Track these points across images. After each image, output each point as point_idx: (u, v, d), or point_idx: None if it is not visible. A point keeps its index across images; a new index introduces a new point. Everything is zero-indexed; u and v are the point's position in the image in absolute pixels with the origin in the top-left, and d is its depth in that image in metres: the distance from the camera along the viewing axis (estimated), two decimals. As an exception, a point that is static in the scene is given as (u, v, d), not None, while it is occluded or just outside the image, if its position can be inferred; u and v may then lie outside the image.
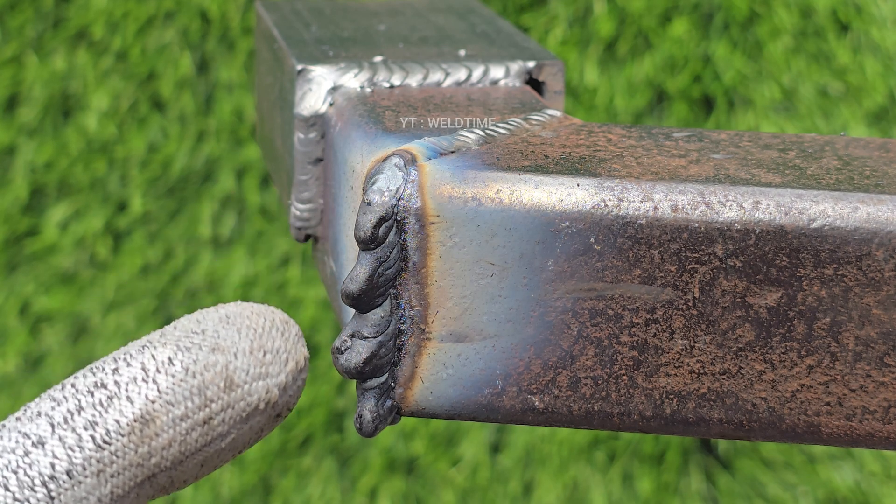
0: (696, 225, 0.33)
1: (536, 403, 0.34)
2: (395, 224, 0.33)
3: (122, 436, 0.30)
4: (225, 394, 0.31)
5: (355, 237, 0.33)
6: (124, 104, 0.80)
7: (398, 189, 0.33)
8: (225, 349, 0.31)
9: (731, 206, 0.33)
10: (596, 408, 0.34)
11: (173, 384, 0.31)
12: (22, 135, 0.81)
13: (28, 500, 0.30)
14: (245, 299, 0.81)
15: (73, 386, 0.31)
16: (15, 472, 0.30)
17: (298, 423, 0.81)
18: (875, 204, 0.32)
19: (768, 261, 0.33)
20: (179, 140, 0.80)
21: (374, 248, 0.33)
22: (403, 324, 0.34)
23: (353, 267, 0.34)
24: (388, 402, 0.35)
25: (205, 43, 0.80)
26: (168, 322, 0.81)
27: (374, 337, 0.34)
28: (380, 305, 0.34)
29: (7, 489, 0.30)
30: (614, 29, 0.78)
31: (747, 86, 0.78)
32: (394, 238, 0.33)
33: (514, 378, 0.34)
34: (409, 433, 0.81)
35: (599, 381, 0.34)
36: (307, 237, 0.42)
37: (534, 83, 0.42)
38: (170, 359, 0.31)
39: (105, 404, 0.30)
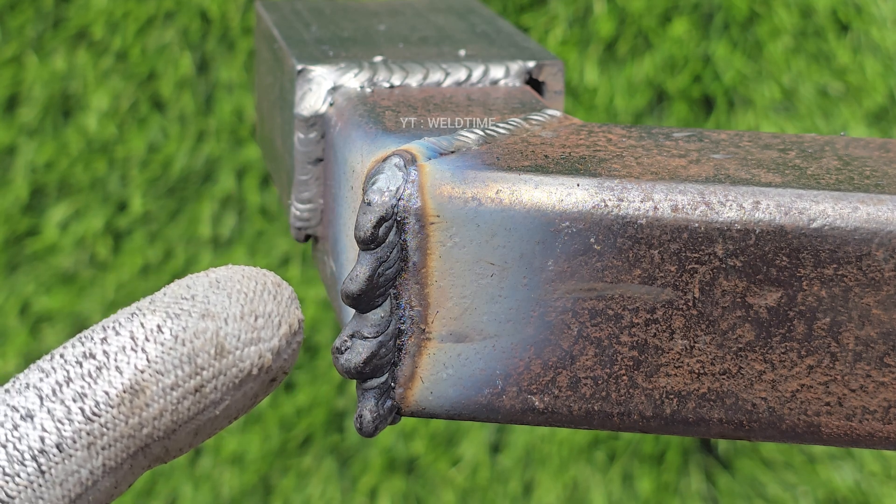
0: (696, 225, 0.33)
1: (536, 403, 0.34)
2: (395, 224, 0.33)
3: (112, 407, 0.30)
4: (216, 361, 0.30)
5: (355, 237, 0.33)
6: (124, 104, 0.80)
7: (398, 189, 0.33)
8: (215, 315, 0.31)
9: (731, 206, 0.33)
10: (596, 408, 0.34)
11: (163, 353, 0.30)
12: (22, 135, 0.81)
13: (18, 475, 0.29)
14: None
15: (61, 356, 0.30)
16: (4, 447, 0.29)
17: (298, 423, 0.81)
18: (875, 204, 0.32)
19: (768, 261, 0.33)
20: (179, 140, 0.80)
21: (374, 248, 0.33)
22: (403, 324, 0.34)
23: (353, 267, 0.34)
24: (388, 402, 0.35)
25: (205, 43, 0.80)
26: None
27: (374, 337, 0.34)
28: (380, 305, 0.34)
29: None
30: (614, 29, 0.78)
31: (747, 86, 0.78)
32: (394, 238, 0.33)
33: (514, 378, 0.34)
34: (409, 433, 0.81)
35: (599, 381, 0.34)
36: (307, 237, 0.42)
37: (534, 83, 0.42)
38: (159, 326, 0.30)
39: (94, 375, 0.30)
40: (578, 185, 0.33)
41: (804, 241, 0.33)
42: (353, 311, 0.34)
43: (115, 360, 0.30)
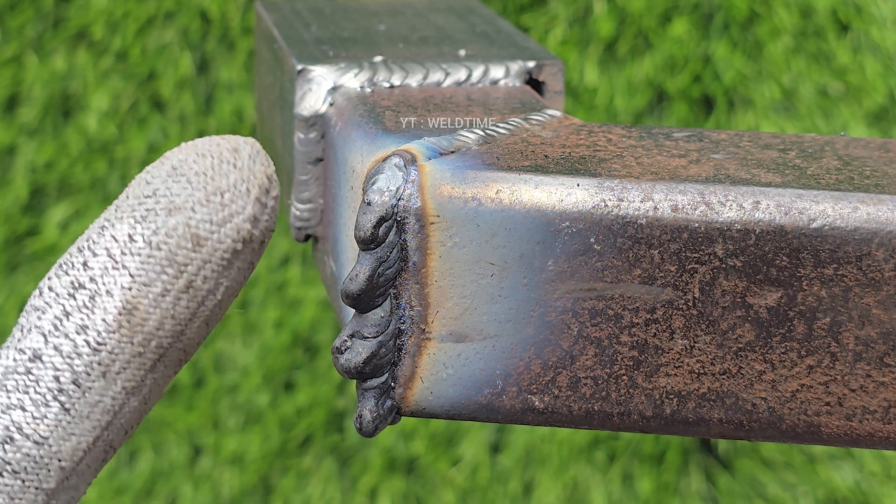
0: (696, 225, 0.33)
1: (536, 403, 0.34)
2: (395, 224, 0.33)
3: (113, 332, 0.30)
4: (196, 253, 0.30)
5: (355, 237, 0.33)
6: (124, 104, 0.80)
7: (398, 189, 0.33)
8: (181, 207, 0.30)
9: (731, 206, 0.33)
10: (596, 408, 0.34)
11: (142, 263, 0.30)
12: (22, 135, 0.81)
13: (46, 417, 0.30)
14: (245, 299, 0.81)
15: (51, 290, 0.30)
16: (26, 392, 0.30)
17: (298, 423, 0.81)
18: (875, 204, 0.32)
19: (768, 261, 0.33)
20: (179, 140, 0.80)
21: (374, 248, 0.33)
22: (403, 324, 0.34)
23: (353, 267, 0.34)
24: (388, 402, 0.35)
25: (205, 43, 0.80)
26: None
27: (374, 337, 0.34)
28: (380, 305, 0.34)
29: (24, 409, 0.30)
30: (614, 29, 0.78)
31: (747, 86, 0.78)
32: (394, 238, 0.33)
33: (514, 378, 0.34)
34: (409, 433, 0.81)
35: (599, 381, 0.34)
36: (307, 237, 0.42)
37: (534, 83, 0.42)
38: (130, 235, 0.30)
39: (90, 305, 0.30)
40: (578, 185, 0.33)
41: (804, 241, 0.33)
42: (353, 311, 0.34)
43: (103, 283, 0.30)
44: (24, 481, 0.29)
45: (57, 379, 0.30)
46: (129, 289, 0.30)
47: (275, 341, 0.81)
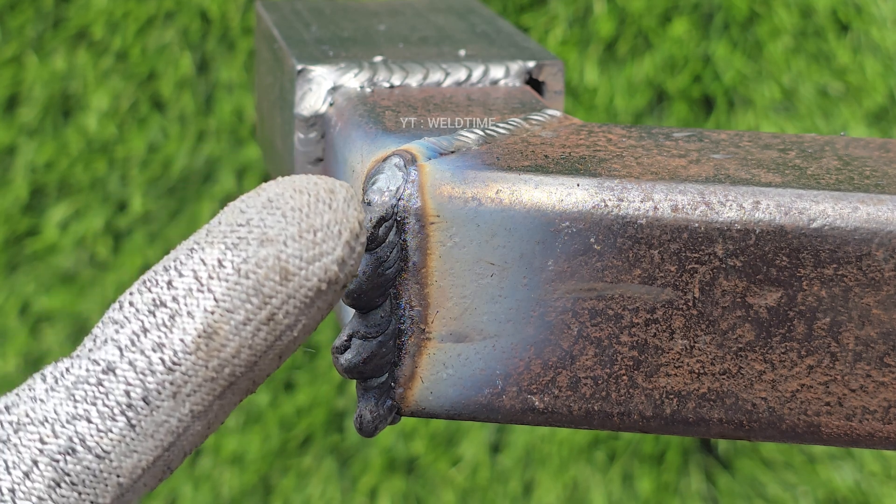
0: (696, 225, 0.33)
1: (536, 403, 0.34)
2: (395, 224, 0.33)
3: (190, 354, 0.30)
4: (282, 286, 0.30)
5: (355, 237, 0.33)
6: (124, 104, 0.80)
7: (398, 189, 0.33)
8: (273, 239, 0.30)
9: (731, 206, 0.33)
10: (596, 408, 0.34)
11: (228, 289, 0.30)
12: (22, 135, 0.81)
13: (111, 430, 0.29)
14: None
15: (131, 304, 0.30)
16: (94, 404, 0.29)
17: (298, 423, 0.81)
18: (875, 204, 0.32)
19: (768, 261, 0.33)
20: (179, 140, 0.80)
21: (374, 248, 0.33)
22: (403, 324, 0.34)
23: (353, 267, 0.34)
24: (388, 402, 0.35)
25: (205, 43, 0.80)
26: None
27: (374, 337, 0.34)
28: (380, 305, 0.34)
29: (90, 421, 0.29)
30: (614, 29, 0.78)
31: (747, 86, 0.78)
32: (394, 238, 0.33)
33: (514, 378, 0.34)
34: (409, 433, 0.81)
35: (599, 381, 0.34)
36: (307, 237, 0.42)
37: (534, 83, 0.42)
38: (220, 261, 0.30)
39: (168, 324, 0.30)
40: (578, 185, 0.33)
41: (804, 241, 0.33)
42: (353, 311, 0.34)
43: (185, 304, 0.30)
44: (80, 493, 0.29)
45: (127, 394, 0.29)
46: (212, 312, 0.30)
47: (275, 341, 0.81)
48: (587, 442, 0.80)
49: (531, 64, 0.42)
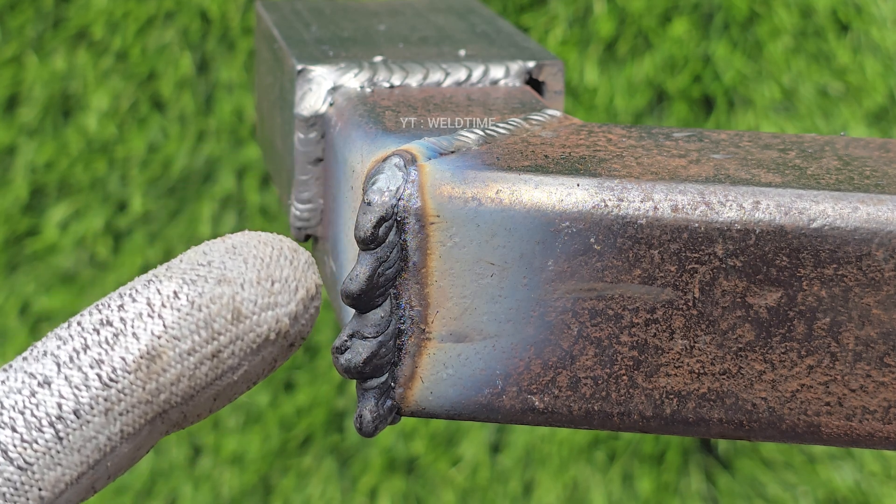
0: (696, 225, 0.33)
1: (536, 403, 0.34)
2: (395, 224, 0.33)
3: (129, 373, 0.30)
4: (233, 326, 0.30)
5: (355, 237, 0.33)
6: (124, 104, 0.80)
7: (398, 189, 0.33)
8: (231, 280, 0.31)
9: (731, 206, 0.33)
10: (596, 408, 0.34)
11: (179, 318, 0.30)
12: (22, 135, 0.81)
13: (36, 441, 0.29)
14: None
15: (78, 324, 0.30)
16: (22, 413, 0.29)
17: (298, 423, 0.81)
18: (875, 204, 0.32)
19: (768, 261, 0.33)
20: (179, 140, 0.80)
21: (374, 248, 0.33)
22: (403, 324, 0.34)
23: (353, 267, 0.34)
24: (388, 402, 0.35)
25: (205, 43, 0.80)
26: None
27: (374, 337, 0.34)
28: (380, 305, 0.34)
29: (14, 430, 0.29)
30: (614, 29, 0.78)
31: (747, 86, 0.78)
32: (394, 238, 0.33)
33: (514, 378, 0.34)
34: (409, 433, 0.81)
35: (599, 381, 0.34)
36: (307, 237, 0.42)
37: (534, 83, 0.42)
38: (175, 292, 0.30)
39: (111, 342, 0.30)
40: (578, 185, 0.33)
41: (804, 241, 0.33)
42: (353, 311, 0.34)
43: (132, 326, 0.30)
44: None
45: (59, 406, 0.29)
46: (159, 337, 0.30)
47: (275, 341, 0.81)
48: (587, 442, 0.80)
49: (531, 64, 0.42)
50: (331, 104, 0.40)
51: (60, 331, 0.30)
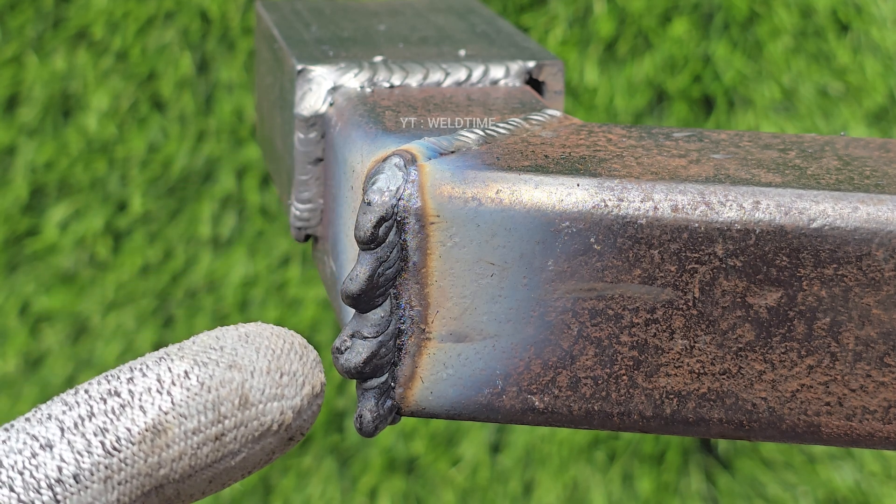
0: (696, 225, 0.33)
1: (536, 403, 0.34)
2: (395, 224, 0.33)
3: (133, 444, 0.30)
4: (239, 411, 0.31)
5: (355, 237, 0.33)
6: (124, 104, 0.80)
7: (398, 189, 0.33)
8: (242, 367, 0.31)
9: (731, 206, 0.33)
10: (596, 408, 0.34)
11: (188, 397, 0.31)
12: (22, 135, 0.81)
13: (33, 503, 0.29)
14: (245, 299, 0.81)
15: (86, 392, 0.31)
16: (21, 474, 0.29)
17: (298, 423, 0.81)
18: (875, 204, 0.32)
19: (768, 261, 0.33)
20: (179, 140, 0.80)
21: (374, 248, 0.33)
22: (403, 324, 0.34)
23: (353, 267, 0.34)
24: (388, 402, 0.35)
25: (205, 43, 0.80)
26: (168, 323, 0.81)
27: (374, 337, 0.34)
28: (380, 305, 0.34)
29: (12, 490, 0.29)
30: (614, 29, 0.78)
31: (747, 86, 0.78)
32: (394, 238, 0.33)
33: (514, 378, 0.34)
34: (409, 433, 0.81)
35: (599, 381, 0.34)
36: (307, 237, 0.42)
37: (534, 83, 0.42)
38: (186, 372, 0.31)
39: (117, 412, 0.30)
40: (578, 185, 0.33)
41: (804, 241, 0.33)
42: (353, 311, 0.34)
43: (140, 399, 0.31)
44: None
45: (59, 469, 0.30)
46: (166, 413, 0.30)
47: (275, 341, 0.81)
48: (587, 442, 0.80)
49: (531, 64, 0.42)
50: (331, 104, 0.40)
51: (67, 396, 0.31)
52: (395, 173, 0.34)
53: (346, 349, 0.34)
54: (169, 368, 0.31)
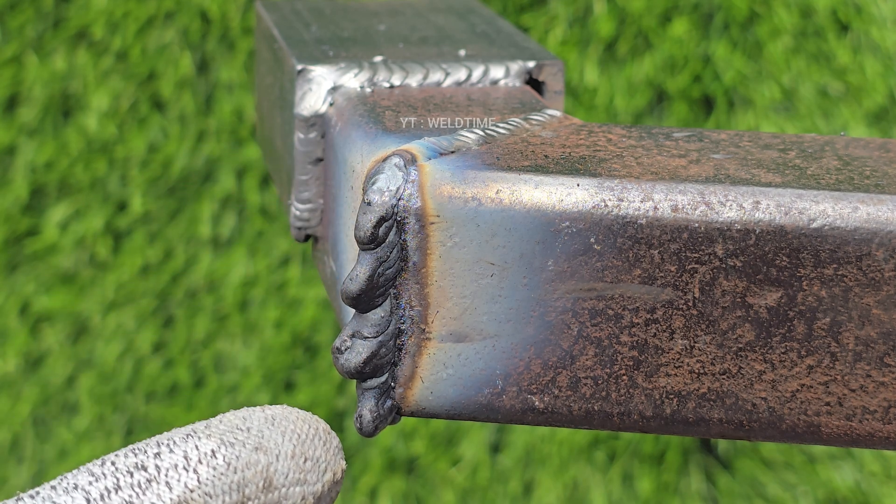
0: (696, 225, 0.33)
1: (536, 403, 0.34)
2: (395, 224, 0.33)
3: None
4: (263, 493, 0.31)
5: (355, 237, 0.33)
6: (124, 104, 0.80)
7: (398, 189, 0.33)
8: (268, 450, 0.31)
9: (731, 206, 0.33)
10: (596, 408, 0.34)
11: (214, 476, 0.31)
12: (22, 135, 0.81)
13: None
14: (245, 299, 0.81)
15: (112, 464, 0.31)
16: None
17: (298, 423, 0.81)
18: (875, 204, 0.32)
19: (768, 261, 0.33)
20: (179, 140, 0.80)
21: (374, 248, 0.33)
22: (403, 324, 0.34)
23: (353, 267, 0.34)
24: (388, 402, 0.35)
25: (205, 43, 0.80)
26: (168, 323, 0.81)
27: (374, 337, 0.34)
28: (380, 305, 0.34)
29: None
30: (614, 29, 0.78)
31: (747, 86, 0.78)
32: (394, 238, 0.33)
33: (514, 378, 0.34)
34: (409, 433, 0.81)
35: (599, 381, 0.34)
36: (307, 237, 0.42)
37: (534, 83, 0.42)
38: (213, 451, 0.31)
39: (143, 486, 0.30)
40: (578, 185, 0.33)
41: (804, 241, 0.33)
42: (353, 311, 0.34)
43: (167, 475, 0.31)
44: None
45: None
46: (192, 490, 0.31)
47: (275, 341, 0.81)
48: (587, 442, 0.80)
49: (531, 64, 0.42)
50: (331, 104, 0.40)
51: (94, 467, 0.31)
52: (395, 173, 0.34)
53: (346, 349, 0.34)
54: (196, 446, 0.31)
